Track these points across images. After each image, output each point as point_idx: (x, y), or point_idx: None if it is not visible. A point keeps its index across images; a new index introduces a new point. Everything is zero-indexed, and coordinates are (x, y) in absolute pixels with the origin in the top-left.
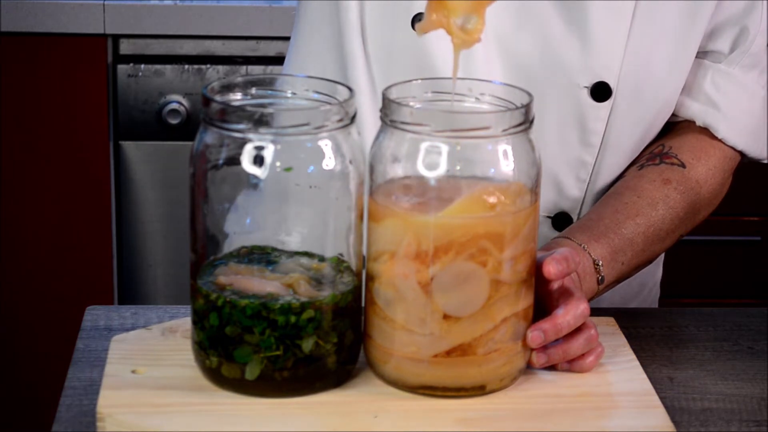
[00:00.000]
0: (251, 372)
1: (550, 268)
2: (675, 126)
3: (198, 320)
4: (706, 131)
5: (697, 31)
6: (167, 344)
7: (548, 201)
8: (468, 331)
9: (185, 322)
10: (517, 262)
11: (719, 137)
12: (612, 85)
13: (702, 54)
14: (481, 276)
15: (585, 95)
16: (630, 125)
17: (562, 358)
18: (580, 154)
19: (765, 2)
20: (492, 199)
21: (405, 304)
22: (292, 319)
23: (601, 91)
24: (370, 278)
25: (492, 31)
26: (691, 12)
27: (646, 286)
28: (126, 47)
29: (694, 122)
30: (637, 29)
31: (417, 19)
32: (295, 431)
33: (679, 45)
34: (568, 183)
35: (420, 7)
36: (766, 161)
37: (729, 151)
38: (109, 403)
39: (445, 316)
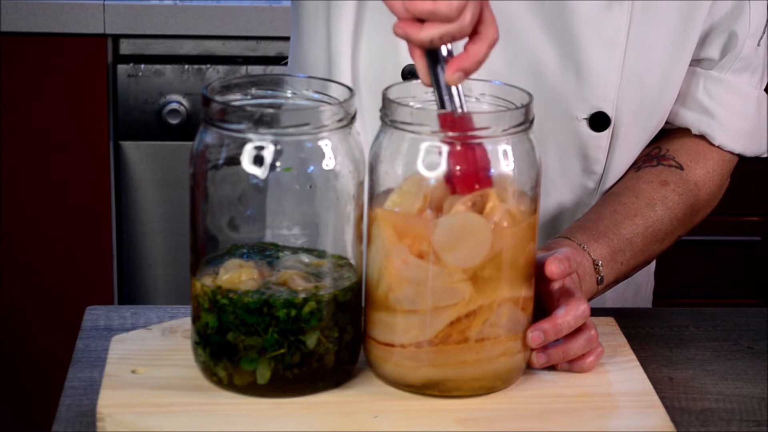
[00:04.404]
0: (262, 375)
1: (553, 268)
2: (671, 130)
3: (199, 320)
4: (702, 136)
5: (689, 45)
6: (167, 344)
7: (553, 227)
8: (478, 297)
9: (185, 322)
10: (520, 201)
11: (716, 145)
12: (610, 113)
13: (693, 62)
14: (478, 220)
15: (584, 127)
16: (630, 146)
17: (562, 359)
18: (583, 181)
19: (751, 6)
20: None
21: (425, 287)
22: (293, 312)
23: (599, 121)
24: (385, 297)
25: (484, 69)
26: (683, 28)
27: (643, 284)
28: (126, 47)
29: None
30: (631, 55)
31: (407, 70)
32: (295, 431)
33: (673, 60)
34: (572, 208)
35: (407, 59)
36: (766, 155)
37: (727, 154)
38: (109, 403)
39: (470, 277)
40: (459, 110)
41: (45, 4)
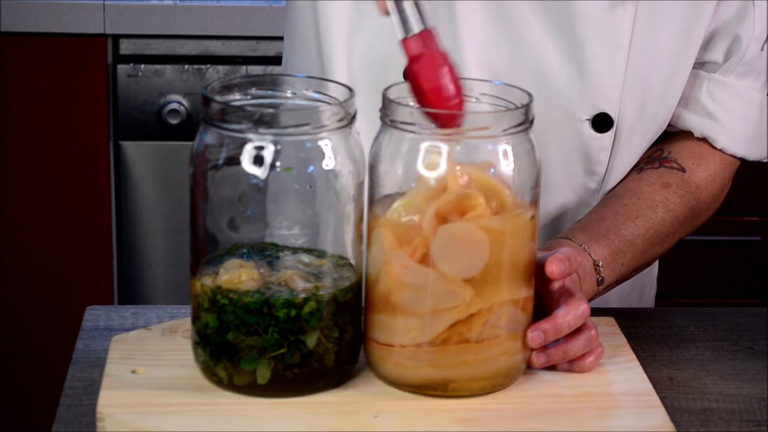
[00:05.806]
0: (262, 376)
1: (553, 267)
2: (673, 132)
3: (199, 320)
4: (705, 139)
5: (693, 47)
6: (167, 344)
7: (555, 228)
8: (478, 299)
9: (185, 322)
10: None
11: (718, 148)
12: (613, 115)
13: (697, 65)
14: (477, 231)
15: (587, 127)
16: (633, 148)
17: (562, 359)
18: (585, 182)
19: (755, 9)
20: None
21: (425, 291)
22: (293, 312)
23: (602, 122)
24: (385, 300)
25: (488, 68)
26: (687, 30)
27: (646, 286)
28: (126, 47)
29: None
30: (634, 56)
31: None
32: (295, 431)
33: (676, 62)
34: (573, 209)
35: None
36: (766, 160)
37: (729, 158)
38: (109, 403)
39: (471, 281)
40: (415, 30)
41: (45, 4)
